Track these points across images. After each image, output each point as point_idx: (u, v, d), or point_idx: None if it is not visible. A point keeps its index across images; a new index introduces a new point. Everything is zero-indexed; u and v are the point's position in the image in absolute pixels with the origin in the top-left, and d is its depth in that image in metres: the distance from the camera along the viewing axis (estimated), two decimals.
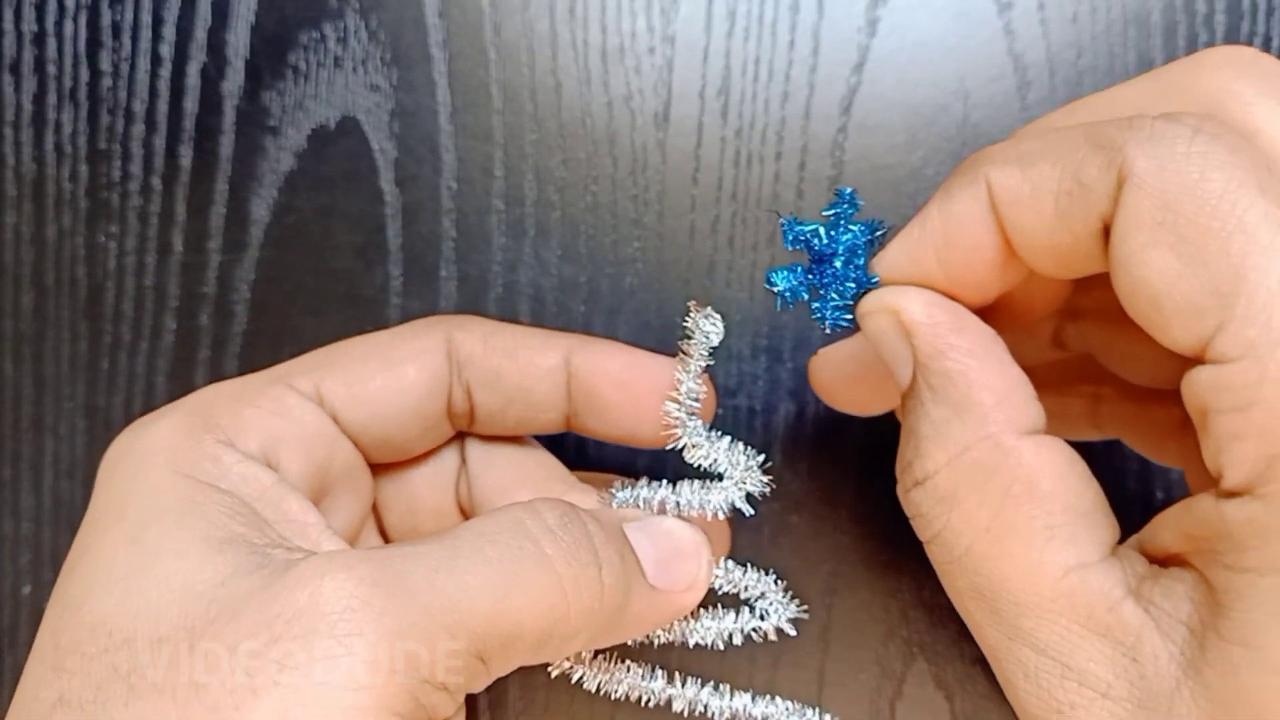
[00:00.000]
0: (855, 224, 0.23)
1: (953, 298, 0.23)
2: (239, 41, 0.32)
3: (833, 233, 0.23)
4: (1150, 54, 0.31)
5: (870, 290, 0.23)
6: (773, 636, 0.26)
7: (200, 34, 0.32)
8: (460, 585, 0.21)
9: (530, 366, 0.27)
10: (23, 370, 0.34)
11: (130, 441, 0.24)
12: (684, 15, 0.31)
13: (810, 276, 0.23)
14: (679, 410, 0.26)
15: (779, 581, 0.26)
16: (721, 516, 0.25)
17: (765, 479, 0.25)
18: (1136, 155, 0.19)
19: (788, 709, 0.26)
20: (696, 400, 0.26)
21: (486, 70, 0.32)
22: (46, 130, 0.33)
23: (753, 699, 0.26)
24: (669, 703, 0.26)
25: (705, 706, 0.26)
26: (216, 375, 0.33)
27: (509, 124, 0.32)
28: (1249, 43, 0.31)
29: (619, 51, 0.32)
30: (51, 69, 0.33)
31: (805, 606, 0.26)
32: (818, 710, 0.26)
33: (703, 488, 0.26)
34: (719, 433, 0.26)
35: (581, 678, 0.27)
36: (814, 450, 0.32)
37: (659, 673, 0.27)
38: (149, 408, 0.34)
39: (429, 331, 0.27)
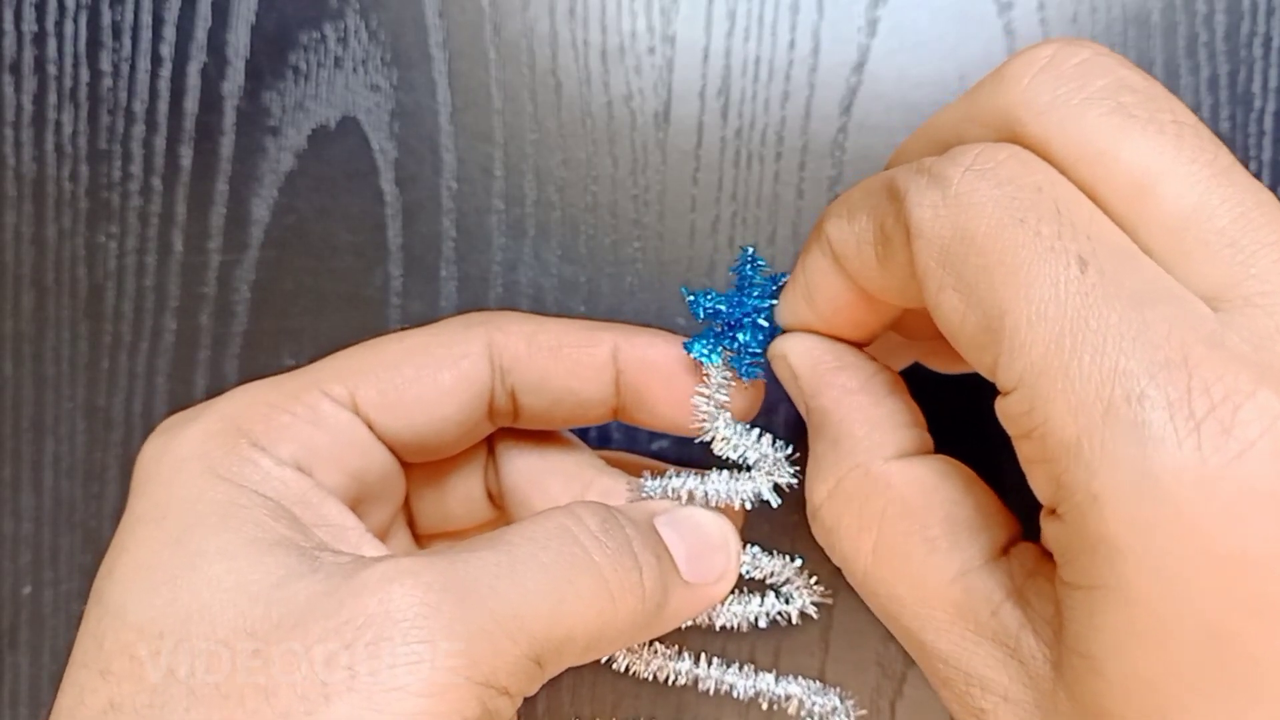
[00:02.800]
0: (758, 282, 0.25)
1: (838, 337, 0.24)
2: (239, 41, 0.32)
3: (739, 298, 0.25)
4: (1150, 54, 0.31)
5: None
6: (796, 620, 0.27)
7: (200, 34, 0.32)
8: (521, 592, 0.21)
9: (577, 366, 0.27)
10: (23, 370, 0.34)
11: (164, 444, 0.23)
12: (684, 15, 0.31)
13: (724, 340, 0.25)
14: (707, 404, 0.26)
15: (802, 567, 0.27)
16: (750, 507, 0.26)
17: (793, 469, 0.26)
18: (914, 204, 0.20)
19: (808, 688, 0.26)
20: (725, 393, 0.26)
21: (486, 70, 0.32)
22: (46, 130, 0.33)
23: (775, 679, 0.27)
24: (695, 682, 0.27)
25: (730, 686, 0.27)
26: (216, 375, 0.33)
27: (509, 124, 0.32)
28: (1249, 43, 0.31)
29: (619, 51, 0.32)
30: (51, 69, 0.33)
31: (830, 591, 0.27)
32: (837, 691, 0.27)
33: (732, 478, 0.26)
34: (747, 426, 0.26)
35: (611, 659, 0.27)
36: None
37: (685, 655, 0.27)
38: (149, 408, 0.34)
39: (468, 334, 0.27)
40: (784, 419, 0.32)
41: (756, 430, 0.26)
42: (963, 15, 0.31)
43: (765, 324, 0.25)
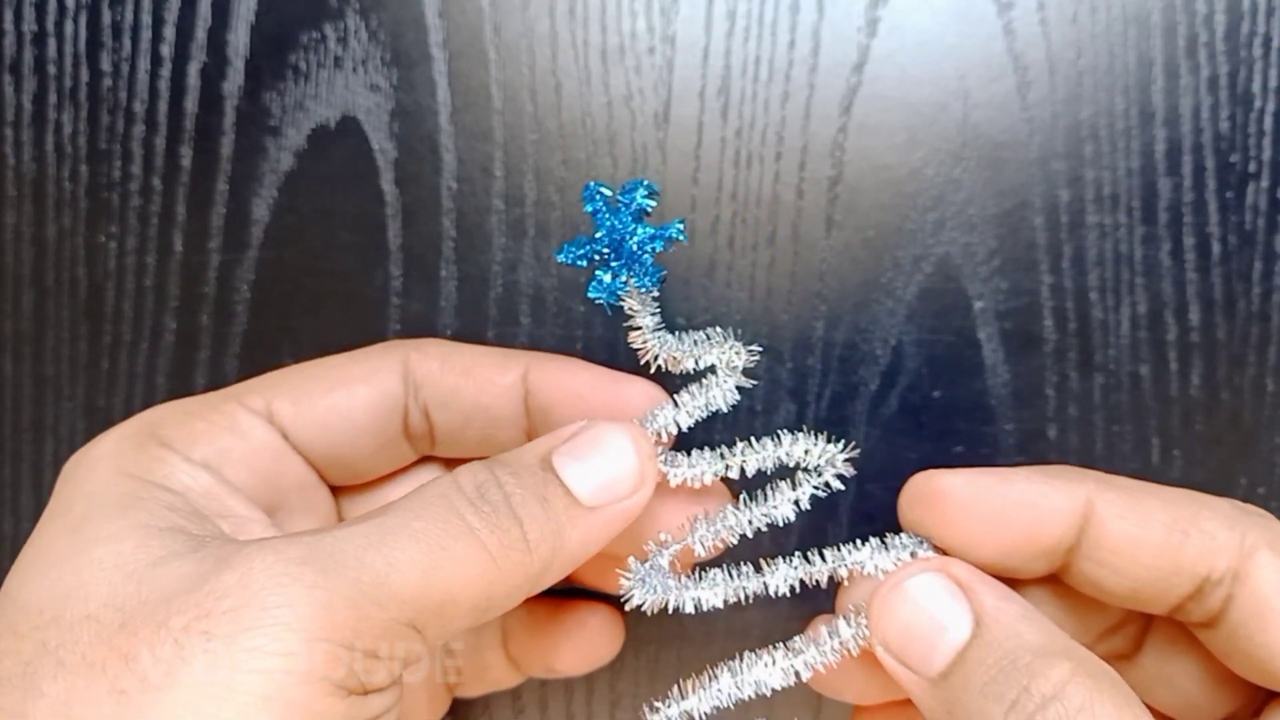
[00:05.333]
0: (606, 209, 0.26)
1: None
2: (239, 41, 0.32)
3: (609, 229, 0.26)
4: (1150, 54, 0.31)
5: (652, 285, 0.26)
6: (837, 485, 0.26)
7: (200, 34, 0.32)
8: (388, 560, 0.22)
9: (487, 384, 0.28)
10: (23, 370, 0.34)
11: (82, 453, 0.25)
12: (684, 15, 0.31)
13: (616, 270, 0.26)
14: (644, 335, 0.26)
15: (813, 434, 0.27)
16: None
17: (750, 346, 0.26)
18: None
19: (877, 546, 0.26)
20: (652, 313, 0.26)
21: (486, 70, 0.32)
22: (46, 130, 0.33)
23: (847, 547, 0.27)
24: (766, 590, 0.26)
25: (798, 583, 0.27)
26: (216, 375, 0.33)
27: (509, 124, 0.32)
28: (1249, 43, 0.31)
29: (619, 51, 0.32)
30: (51, 69, 0.33)
31: (854, 443, 0.27)
32: (922, 541, 0.26)
33: (699, 391, 0.26)
34: (684, 333, 0.26)
35: (673, 602, 0.26)
36: None
37: (745, 567, 0.27)
38: (149, 407, 0.34)
39: (384, 353, 0.28)
40: (784, 419, 0.32)
41: (692, 336, 0.26)
42: (963, 15, 0.31)
43: (641, 237, 0.26)
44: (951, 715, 0.23)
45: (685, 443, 0.27)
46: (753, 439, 0.27)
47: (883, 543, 0.26)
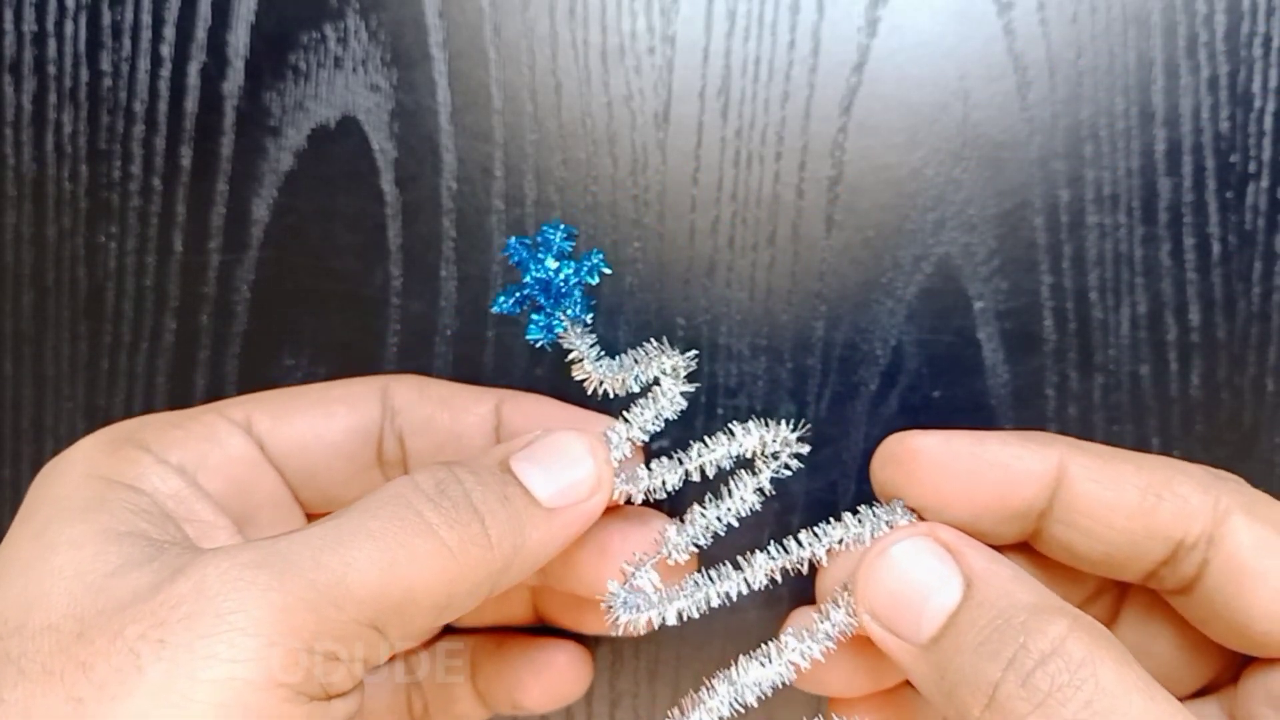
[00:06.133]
0: (526, 252, 0.27)
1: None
2: (239, 41, 0.32)
3: (536, 271, 0.27)
4: (1150, 54, 0.31)
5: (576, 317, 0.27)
6: (795, 465, 0.27)
7: (200, 34, 0.32)
8: (344, 561, 0.22)
9: (462, 412, 0.29)
10: (23, 370, 0.34)
11: (59, 458, 0.25)
12: (684, 15, 0.31)
13: (552, 308, 0.27)
14: (582, 366, 0.27)
15: (763, 420, 0.27)
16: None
17: (687, 354, 0.27)
18: None
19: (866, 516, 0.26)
20: (589, 343, 0.27)
21: (486, 70, 0.32)
22: (46, 130, 0.33)
23: (821, 527, 0.27)
24: (748, 586, 0.27)
25: (780, 573, 0.27)
26: (216, 375, 0.33)
27: (509, 124, 0.32)
28: (1249, 43, 0.31)
29: (619, 51, 0.32)
30: (51, 69, 0.33)
31: (805, 422, 0.27)
32: (895, 508, 0.26)
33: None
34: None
35: (655, 618, 0.27)
36: (814, 450, 0.32)
37: (724, 567, 0.27)
38: (149, 408, 0.34)
39: (366, 381, 0.29)
40: (784, 419, 0.32)
41: (631, 355, 0.27)
42: (963, 15, 0.31)
43: (566, 274, 0.27)
44: (944, 680, 0.23)
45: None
46: (706, 438, 0.27)
47: (856, 517, 0.26)
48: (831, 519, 0.27)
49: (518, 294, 0.27)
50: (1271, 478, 0.32)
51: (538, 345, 0.27)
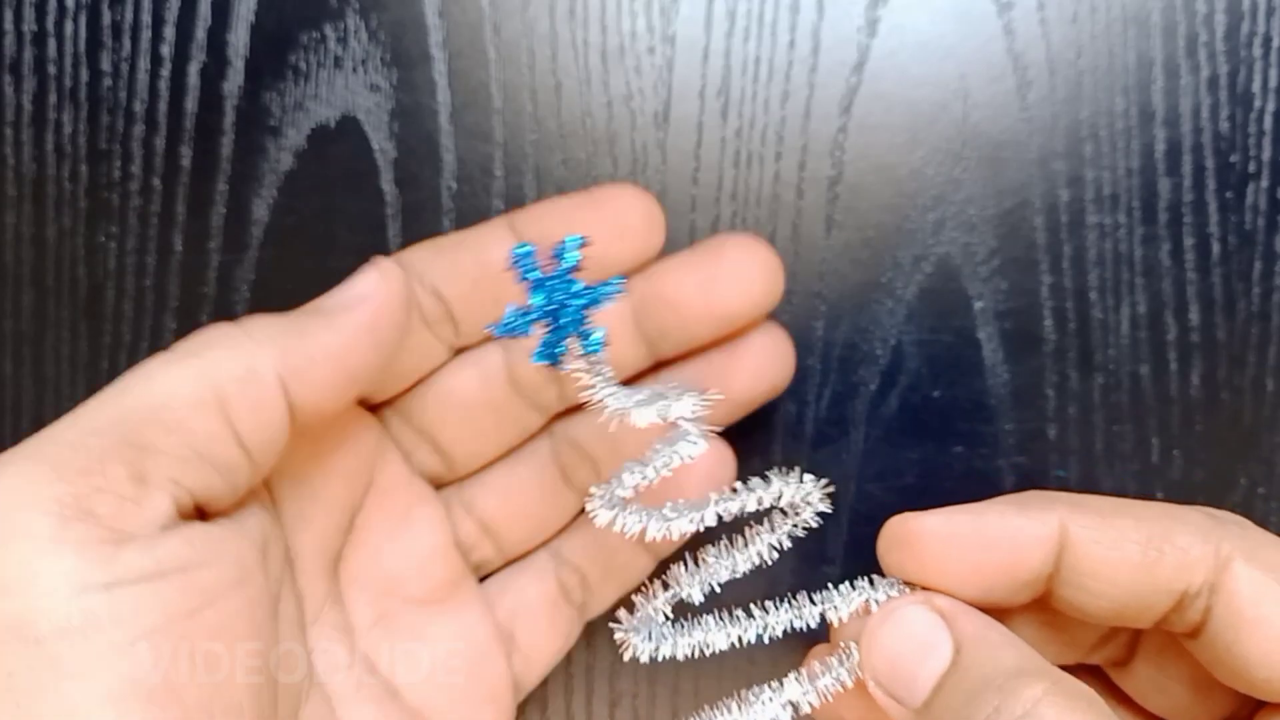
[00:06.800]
0: (538, 279, 0.25)
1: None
2: (239, 41, 0.32)
3: (550, 299, 0.25)
4: (1150, 54, 0.31)
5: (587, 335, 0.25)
6: (813, 522, 0.26)
7: (200, 34, 0.32)
8: (88, 406, 0.23)
9: (481, 250, 0.28)
10: (23, 370, 0.34)
11: None
12: (684, 15, 0.31)
13: (559, 334, 0.25)
14: (596, 392, 0.25)
15: (787, 472, 0.26)
16: (688, 454, 0.25)
17: (699, 394, 0.25)
18: None
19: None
20: (603, 369, 0.25)
21: (486, 70, 0.32)
22: (46, 130, 0.33)
23: (835, 590, 0.27)
24: (761, 637, 0.26)
25: (788, 627, 0.27)
26: None
27: (509, 124, 0.32)
28: (1249, 43, 0.31)
29: (619, 51, 0.32)
30: (51, 69, 0.33)
31: (828, 481, 0.26)
32: (894, 584, 0.26)
33: (665, 444, 0.25)
34: (637, 390, 0.26)
35: (670, 650, 0.26)
36: (814, 450, 0.32)
37: (737, 612, 0.27)
38: None
39: (380, 267, 0.27)
40: (784, 419, 0.32)
41: (649, 389, 0.25)
42: (963, 15, 0.31)
43: (574, 298, 0.25)
44: None
45: None
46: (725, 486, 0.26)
47: (870, 582, 0.26)
48: (843, 587, 0.27)
49: (521, 317, 0.25)
50: (1272, 478, 0.32)
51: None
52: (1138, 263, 0.32)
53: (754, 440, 0.31)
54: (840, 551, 0.32)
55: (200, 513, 0.24)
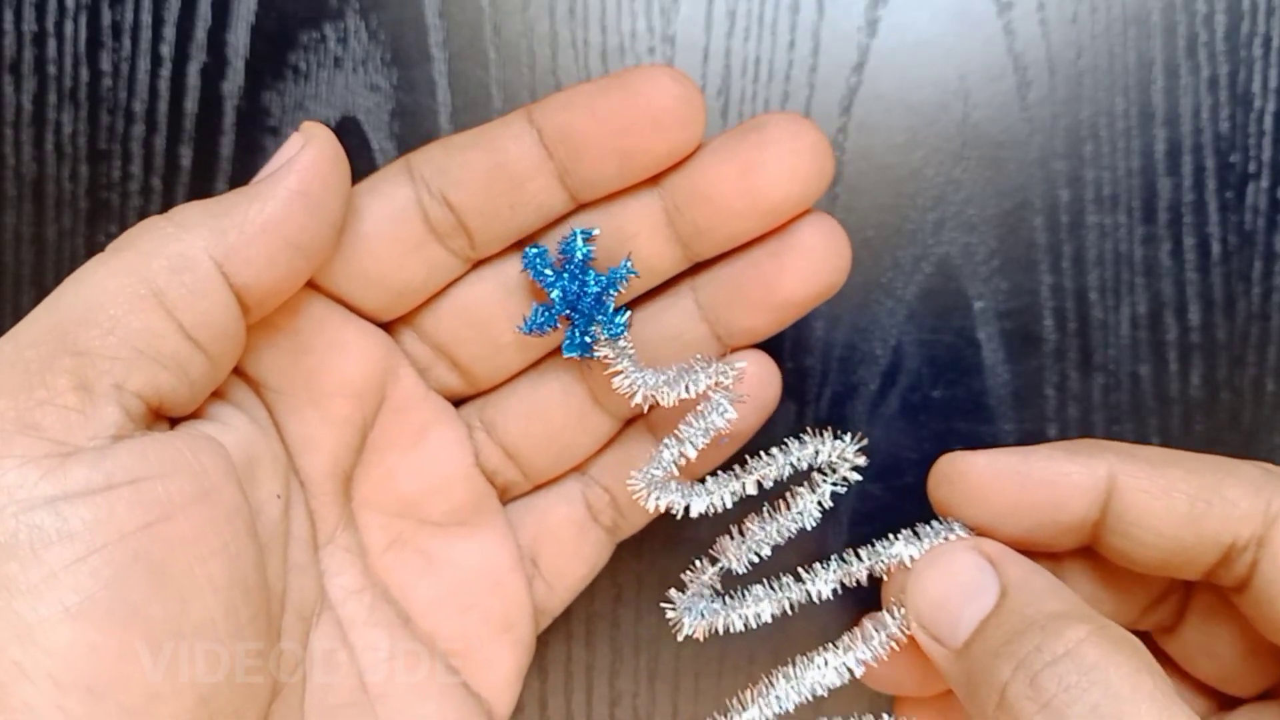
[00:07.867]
0: (562, 270, 0.26)
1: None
2: (239, 41, 0.32)
3: (571, 291, 0.26)
4: (1150, 54, 0.31)
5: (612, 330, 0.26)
6: (854, 478, 0.26)
7: (200, 34, 0.32)
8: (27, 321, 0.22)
9: (496, 150, 0.26)
10: None
11: None
12: (684, 15, 0.31)
13: (584, 325, 0.26)
14: (625, 378, 0.26)
15: (818, 433, 0.26)
16: (724, 422, 0.26)
17: (735, 365, 0.26)
18: None
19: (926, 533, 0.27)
20: (630, 354, 0.26)
21: (486, 70, 0.32)
22: (46, 130, 0.33)
23: (881, 543, 0.27)
24: (810, 598, 0.27)
25: (839, 585, 0.27)
26: None
27: None
28: (1249, 43, 0.31)
29: (619, 51, 0.32)
30: (51, 69, 0.33)
31: (860, 434, 0.26)
32: (953, 525, 0.27)
33: (698, 418, 0.26)
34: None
35: (723, 624, 0.27)
36: None
37: (785, 578, 0.27)
38: None
39: (391, 172, 0.27)
40: (784, 419, 0.32)
41: (676, 367, 0.26)
42: (963, 15, 0.31)
43: (595, 289, 0.26)
44: (969, 684, 0.23)
45: None
46: (762, 452, 0.26)
47: (915, 533, 0.27)
48: (891, 535, 0.27)
49: (547, 314, 0.26)
50: None
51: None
52: (1138, 263, 0.32)
53: (754, 440, 0.31)
54: (840, 552, 0.32)
55: (168, 420, 0.23)
